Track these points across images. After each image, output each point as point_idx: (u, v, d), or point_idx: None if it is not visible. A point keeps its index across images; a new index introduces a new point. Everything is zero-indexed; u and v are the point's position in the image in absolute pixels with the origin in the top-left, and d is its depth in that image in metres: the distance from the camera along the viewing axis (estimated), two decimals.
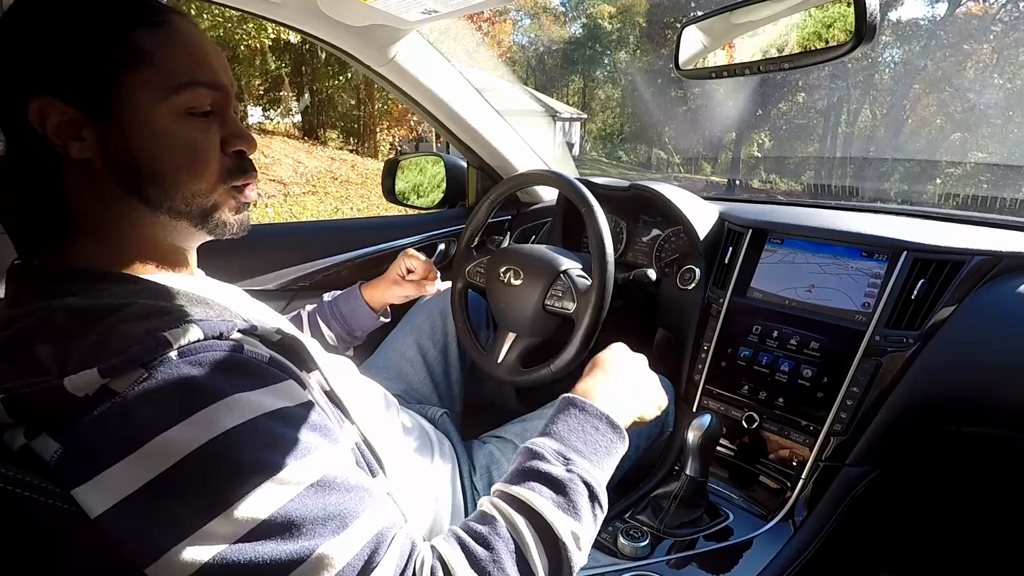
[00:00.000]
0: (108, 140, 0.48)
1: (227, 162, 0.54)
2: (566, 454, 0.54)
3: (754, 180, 15.47)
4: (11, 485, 0.37)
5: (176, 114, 0.49)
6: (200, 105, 0.51)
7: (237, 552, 0.38)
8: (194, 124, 0.51)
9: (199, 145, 0.51)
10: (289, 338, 0.51)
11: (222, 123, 0.53)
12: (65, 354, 0.40)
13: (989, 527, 1.01)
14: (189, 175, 0.51)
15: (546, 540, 0.48)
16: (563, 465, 0.52)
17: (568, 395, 0.60)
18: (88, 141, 0.48)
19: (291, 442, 0.43)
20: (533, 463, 0.52)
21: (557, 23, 29.92)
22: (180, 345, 0.41)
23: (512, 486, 0.51)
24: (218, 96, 0.52)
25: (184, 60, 0.50)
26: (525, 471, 0.52)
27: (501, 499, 0.51)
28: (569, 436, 0.56)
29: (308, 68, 11.96)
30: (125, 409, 0.39)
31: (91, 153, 0.48)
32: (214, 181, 0.53)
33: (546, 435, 0.56)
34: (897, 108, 21.99)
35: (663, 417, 0.97)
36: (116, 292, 0.47)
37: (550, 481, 0.51)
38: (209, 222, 0.54)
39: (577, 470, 0.52)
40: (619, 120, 28.32)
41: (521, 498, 0.49)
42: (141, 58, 0.48)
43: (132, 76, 0.48)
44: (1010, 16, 20.13)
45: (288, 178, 8.68)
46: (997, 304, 0.80)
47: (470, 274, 1.06)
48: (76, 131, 0.47)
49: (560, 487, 0.51)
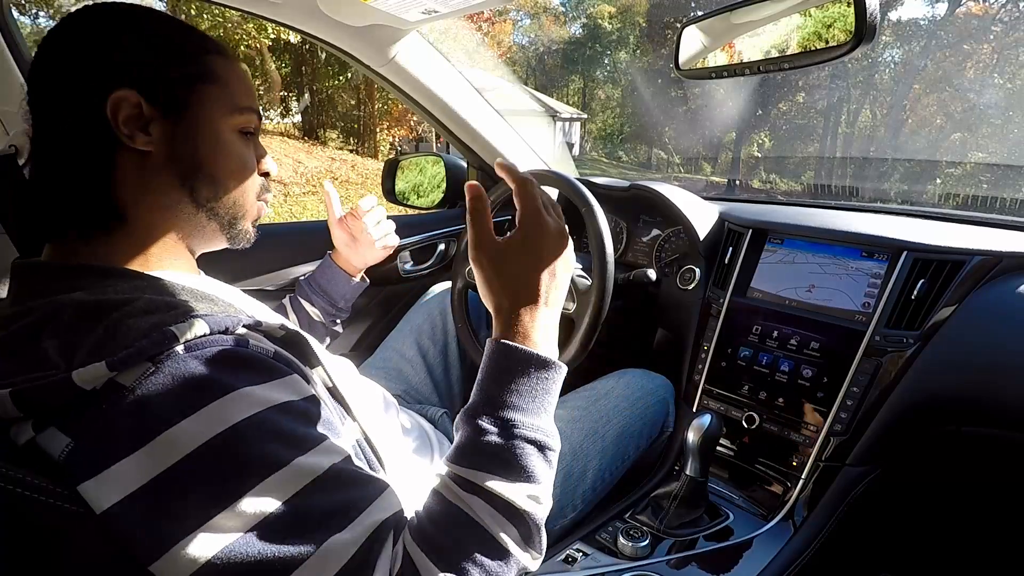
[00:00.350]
0: (175, 137, 0.53)
1: (259, 180, 0.62)
2: (504, 414, 0.51)
3: (754, 180, 15.49)
4: (12, 484, 0.37)
5: (234, 129, 0.58)
6: (249, 127, 0.59)
7: (243, 546, 0.39)
8: (243, 141, 0.59)
9: (247, 159, 0.59)
10: (293, 334, 0.51)
11: (256, 146, 0.62)
12: (72, 348, 0.41)
13: (989, 527, 1.01)
14: (237, 182, 0.58)
15: (507, 513, 0.47)
16: (503, 429, 0.50)
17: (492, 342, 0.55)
18: (154, 136, 0.52)
19: (298, 435, 0.43)
20: (475, 437, 0.50)
21: (557, 23, 29.95)
22: (186, 339, 0.42)
23: (459, 467, 0.50)
24: (257, 122, 0.61)
25: (243, 88, 0.58)
26: (469, 447, 0.50)
27: (453, 481, 0.49)
28: (501, 392, 0.52)
29: (308, 68, 11.97)
30: (133, 403, 0.39)
31: (153, 147, 0.52)
32: (253, 192, 0.61)
33: (480, 395, 0.53)
34: (897, 108, 21.99)
35: (663, 417, 0.97)
36: (121, 288, 0.47)
37: (495, 453, 0.49)
38: (234, 228, 0.60)
39: (519, 430, 0.50)
40: (619, 120, 28.33)
41: (471, 479, 0.48)
42: (214, 78, 0.56)
43: (206, 89, 0.55)
44: (1010, 16, 20.14)
45: (288, 178, 8.68)
46: (997, 304, 0.80)
47: (470, 274, 1.06)
48: (144, 125, 0.52)
49: (507, 456, 0.49)
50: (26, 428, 0.40)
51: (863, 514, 0.86)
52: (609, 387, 0.94)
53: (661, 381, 0.98)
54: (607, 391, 0.93)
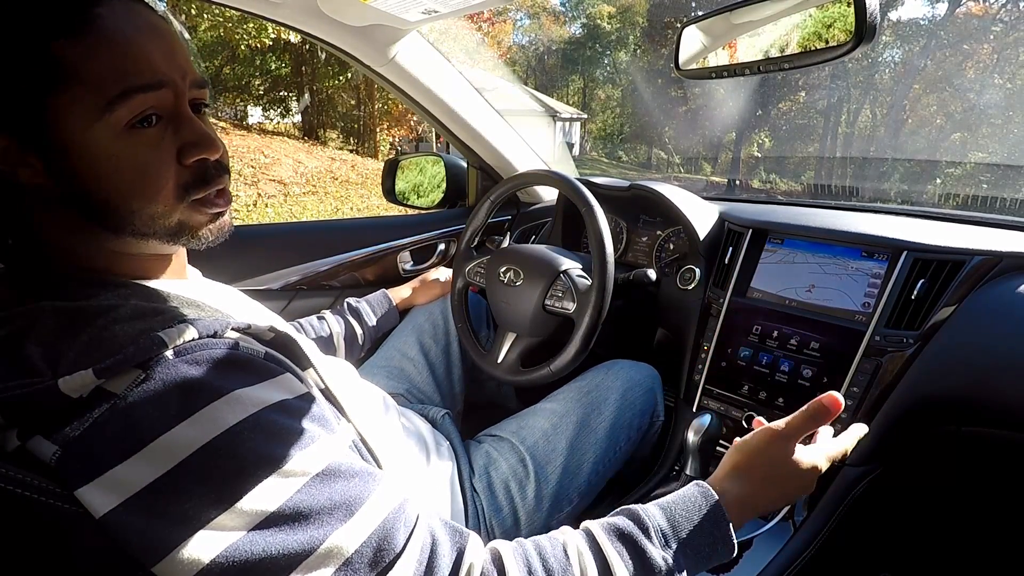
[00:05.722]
0: (51, 167, 0.44)
1: (185, 175, 0.48)
2: (670, 541, 0.51)
3: (754, 180, 15.48)
4: (11, 485, 0.37)
5: (116, 132, 0.44)
6: (142, 113, 0.44)
7: (245, 546, 0.39)
8: (140, 139, 0.45)
9: (149, 164, 0.45)
10: (283, 336, 0.51)
11: (176, 130, 0.47)
12: (57, 355, 0.40)
13: (989, 527, 1.01)
14: (142, 199, 0.46)
15: None
16: (661, 549, 0.50)
17: (704, 484, 0.56)
18: (35, 167, 0.44)
19: (294, 434, 0.43)
20: (635, 532, 0.51)
21: (557, 23, 29.94)
22: (175, 344, 0.41)
23: (604, 538, 0.50)
24: (164, 95, 0.45)
25: (115, 66, 0.43)
26: (624, 534, 0.51)
27: (586, 543, 0.50)
28: (682, 525, 0.52)
29: (308, 68, 11.96)
30: (125, 410, 0.39)
31: (41, 179, 0.45)
32: (172, 201, 0.47)
33: (663, 510, 0.53)
34: (897, 108, 21.99)
35: (651, 407, 0.96)
36: (106, 295, 0.46)
37: (643, 560, 0.49)
38: (180, 238, 0.50)
39: (672, 562, 0.50)
40: (619, 120, 28.32)
41: (606, 555, 0.49)
42: (66, 75, 0.42)
43: (60, 98, 0.42)
44: (1010, 16, 20.13)
45: (288, 178, 8.67)
46: (997, 304, 0.80)
47: (470, 274, 1.06)
48: (21, 157, 0.44)
49: (648, 570, 0.49)
50: (11, 436, 0.40)
51: (863, 514, 0.86)
52: (598, 380, 0.93)
53: (648, 371, 0.98)
54: (596, 383, 0.92)
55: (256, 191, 7.72)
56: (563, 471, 0.82)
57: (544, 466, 0.82)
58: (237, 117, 11.99)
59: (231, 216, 0.54)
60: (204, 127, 0.49)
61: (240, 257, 1.13)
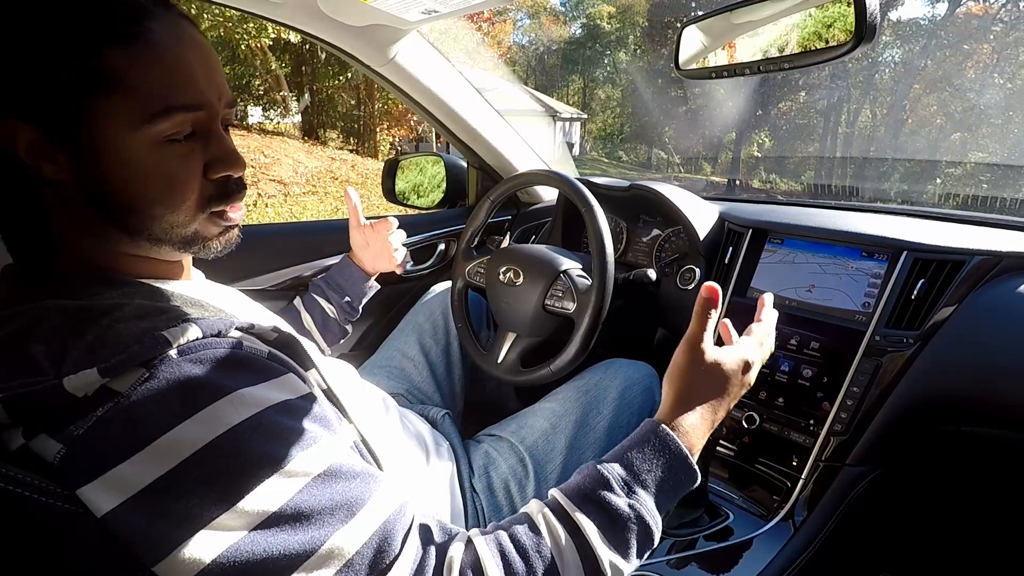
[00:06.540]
0: (80, 165, 0.45)
1: (209, 189, 0.50)
2: (633, 486, 0.52)
3: (754, 180, 15.47)
4: (11, 485, 0.37)
5: (152, 143, 0.46)
6: (180, 131, 0.47)
7: (246, 546, 0.39)
8: (173, 152, 0.47)
9: (177, 176, 0.48)
10: (286, 336, 0.51)
11: (206, 145, 0.49)
12: (61, 354, 0.40)
13: (989, 527, 1.01)
14: (166, 207, 0.48)
15: (588, 569, 0.48)
16: (627, 497, 0.51)
17: (652, 421, 0.56)
18: (61, 163, 0.45)
19: (296, 434, 0.43)
20: (597, 487, 0.51)
21: (557, 23, 29.96)
22: (179, 344, 0.41)
23: (570, 503, 0.50)
24: (201, 116, 0.48)
25: (161, 82, 0.45)
26: (587, 494, 0.51)
27: (554, 514, 0.50)
28: (641, 467, 0.53)
29: (308, 68, 11.97)
30: (129, 409, 0.39)
31: (66, 175, 0.46)
32: (193, 211, 0.50)
33: (619, 459, 0.53)
34: (897, 108, 21.99)
35: (649, 405, 0.96)
36: (110, 294, 0.47)
37: (609, 513, 0.49)
38: (192, 247, 0.52)
39: (639, 507, 0.51)
40: (619, 120, 28.33)
41: (575, 520, 0.49)
42: (112, 82, 0.43)
43: (102, 103, 0.44)
44: (1010, 16, 20.13)
45: (288, 178, 8.68)
46: (997, 304, 0.80)
47: (470, 274, 1.06)
48: (48, 152, 0.45)
49: (618, 521, 0.49)
50: (16, 435, 0.40)
51: (863, 514, 0.86)
52: (597, 379, 0.93)
53: (646, 370, 0.97)
54: (595, 383, 0.92)
55: (256, 191, 7.73)
56: (562, 470, 0.82)
57: (543, 466, 0.82)
58: (237, 117, 11.97)
59: (239, 230, 0.56)
60: (231, 145, 0.51)
61: (239, 257, 1.11)
